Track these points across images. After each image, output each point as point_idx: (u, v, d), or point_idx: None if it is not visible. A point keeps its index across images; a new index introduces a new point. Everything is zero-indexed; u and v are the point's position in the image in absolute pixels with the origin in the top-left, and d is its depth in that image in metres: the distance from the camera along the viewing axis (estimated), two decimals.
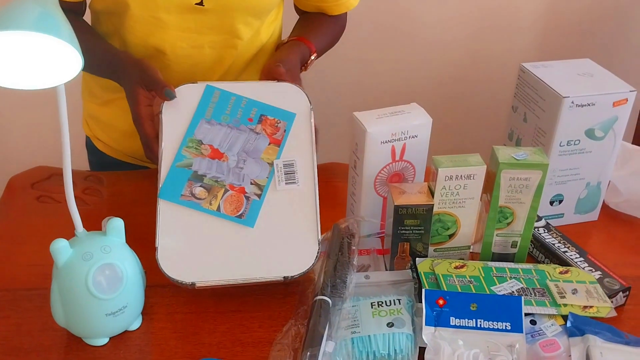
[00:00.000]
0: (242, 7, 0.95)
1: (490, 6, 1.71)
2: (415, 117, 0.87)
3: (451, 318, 0.75)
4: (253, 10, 0.97)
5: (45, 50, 0.61)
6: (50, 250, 0.72)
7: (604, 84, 0.90)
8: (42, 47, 0.61)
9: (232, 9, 0.95)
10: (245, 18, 0.97)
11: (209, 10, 0.93)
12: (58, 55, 0.61)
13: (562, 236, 0.90)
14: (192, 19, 0.94)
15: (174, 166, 0.83)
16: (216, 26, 0.96)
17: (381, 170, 0.87)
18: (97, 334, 0.76)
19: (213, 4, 0.93)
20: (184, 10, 0.93)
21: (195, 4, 0.92)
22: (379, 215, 0.91)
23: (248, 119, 0.86)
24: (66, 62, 0.62)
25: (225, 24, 0.96)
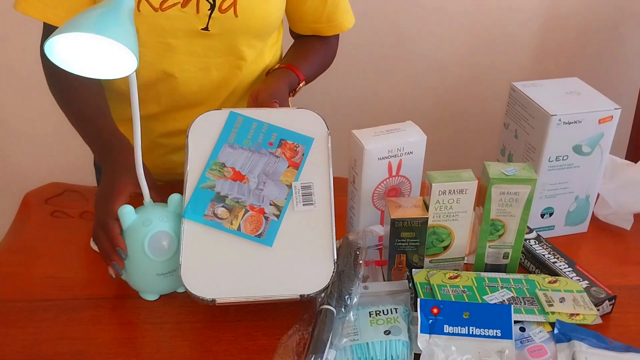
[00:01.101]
0: (245, 31, 1.00)
1: (485, 24, 1.76)
2: (411, 134, 0.92)
3: (445, 326, 0.79)
4: (255, 33, 1.02)
5: (109, 48, 0.70)
6: (118, 213, 0.85)
7: (591, 102, 0.95)
8: (105, 45, 0.70)
9: (235, 32, 1.00)
10: (249, 40, 1.02)
11: (214, 34, 0.98)
12: (118, 53, 0.70)
13: (552, 247, 0.94)
14: (199, 43, 0.99)
15: (198, 187, 0.88)
16: (221, 49, 1.01)
17: (378, 185, 0.92)
18: (149, 290, 0.88)
19: (218, 29, 0.98)
20: (191, 36, 0.98)
21: (201, 29, 0.97)
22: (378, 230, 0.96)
23: (268, 143, 0.91)
24: (124, 59, 0.72)
25: (230, 46, 1.01)
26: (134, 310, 0.87)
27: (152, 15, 0.94)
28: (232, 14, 0.97)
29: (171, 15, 0.95)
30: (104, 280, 0.91)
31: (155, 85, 1.04)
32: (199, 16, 0.96)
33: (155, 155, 1.13)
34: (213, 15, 0.96)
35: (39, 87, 1.75)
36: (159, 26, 0.96)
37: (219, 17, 0.96)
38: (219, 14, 0.96)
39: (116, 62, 0.72)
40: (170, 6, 0.94)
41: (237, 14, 0.97)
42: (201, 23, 0.97)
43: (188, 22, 0.96)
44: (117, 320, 0.86)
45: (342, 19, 1.13)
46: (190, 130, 0.91)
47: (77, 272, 0.94)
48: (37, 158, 1.86)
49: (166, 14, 0.94)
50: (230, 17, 0.97)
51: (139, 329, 0.84)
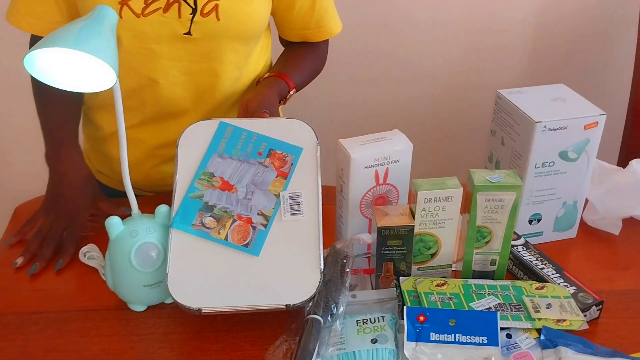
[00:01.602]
0: (228, 34, 1.00)
1: (475, 32, 1.77)
2: (397, 143, 0.92)
3: (431, 333, 0.79)
4: (239, 37, 1.02)
5: (88, 62, 0.71)
6: (105, 224, 0.86)
7: (576, 108, 0.95)
8: (84, 60, 0.71)
9: (218, 36, 1.00)
10: (232, 44, 1.03)
11: (197, 39, 0.99)
12: (97, 67, 0.72)
13: (539, 253, 0.94)
14: (182, 48, 1.00)
15: (187, 197, 0.88)
16: (205, 54, 1.01)
17: (366, 194, 0.92)
18: (136, 301, 0.88)
19: (200, 33, 0.98)
20: (174, 41, 0.99)
21: (183, 33, 0.98)
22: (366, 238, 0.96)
23: (257, 153, 0.91)
24: (103, 73, 0.73)
25: (214, 51, 1.02)
26: (121, 322, 0.87)
27: (134, 21, 0.95)
28: (214, 18, 0.97)
29: (153, 20, 0.96)
30: (92, 292, 0.92)
31: (139, 93, 1.04)
32: (181, 21, 0.96)
33: (148, 166, 1.14)
34: (195, 20, 0.97)
35: (28, 99, 1.76)
36: (141, 32, 0.96)
37: (201, 21, 0.97)
38: (200, 17, 0.97)
39: (96, 76, 0.72)
40: (152, 11, 0.95)
41: (219, 18, 0.98)
42: (183, 27, 0.97)
43: (170, 27, 0.97)
44: (105, 331, 0.86)
45: (331, 23, 1.14)
46: (180, 140, 0.92)
47: (65, 285, 0.94)
48: (28, 171, 1.86)
49: (148, 20, 0.95)
50: (212, 20, 0.98)
51: (127, 340, 0.84)
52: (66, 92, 0.77)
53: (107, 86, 0.73)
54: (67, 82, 0.74)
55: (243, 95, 1.11)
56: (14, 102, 1.73)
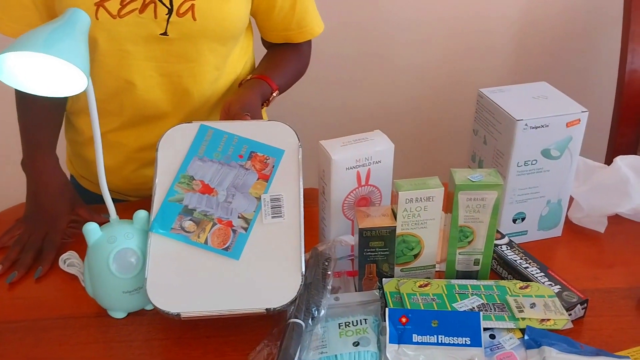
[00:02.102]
0: (204, 34, 1.00)
1: (458, 32, 1.76)
2: (378, 143, 0.91)
3: (413, 335, 0.78)
4: (216, 37, 1.01)
5: (59, 65, 0.70)
6: (83, 230, 0.85)
7: (558, 105, 0.95)
8: (54, 63, 0.69)
9: (195, 36, 0.99)
10: (210, 45, 1.02)
11: (173, 39, 0.98)
12: (68, 71, 0.71)
13: (524, 252, 0.94)
14: (159, 48, 0.99)
15: (166, 201, 0.87)
16: (182, 54, 1.01)
17: (348, 195, 0.91)
18: (116, 308, 0.87)
19: (177, 33, 0.98)
20: (150, 41, 0.98)
21: (160, 34, 0.97)
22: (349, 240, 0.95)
23: (239, 156, 0.91)
24: (74, 77, 0.72)
25: (191, 51, 1.01)
26: (101, 329, 0.86)
27: (110, 23, 0.94)
28: (190, 18, 0.97)
29: (129, 21, 0.95)
30: (72, 299, 0.91)
31: (117, 96, 1.03)
32: (157, 21, 0.96)
33: (128, 170, 1.13)
34: (171, 20, 0.96)
35: (7, 106, 1.74)
36: (118, 33, 0.96)
37: (177, 21, 0.96)
38: (177, 18, 0.96)
39: (67, 80, 0.71)
40: (128, 12, 0.94)
41: (196, 17, 0.97)
42: (160, 28, 0.96)
43: (146, 28, 0.96)
44: (85, 339, 0.84)
45: (312, 24, 1.13)
46: (160, 143, 0.91)
47: (45, 292, 0.93)
48: (10, 178, 1.84)
49: (124, 21, 0.94)
50: (188, 20, 0.97)
51: (107, 348, 0.83)
52: (47, 98, 0.76)
53: (78, 90, 0.72)
54: (38, 87, 0.73)
55: (224, 97, 1.10)
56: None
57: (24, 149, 1.05)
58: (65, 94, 0.74)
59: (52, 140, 1.07)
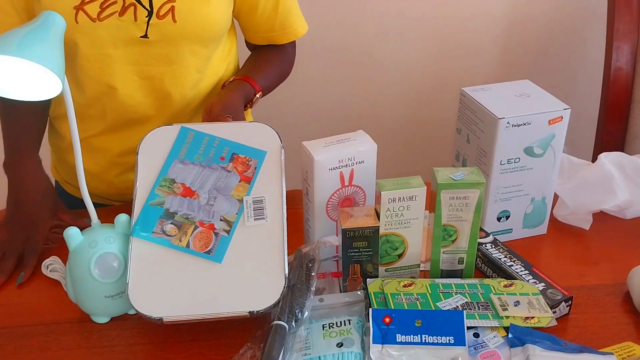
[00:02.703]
0: (185, 36, 0.99)
1: (444, 31, 1.76)
2: (361, 143, 0.91)
3: (397, 335, 0.78)
4: (197, 39, 1.01)
5: (32, 70, 0.69)
6: (64, 235, 0.84)
7: (540, 103, 0.95)
8: (27, 67, 0.69)
9: (175, 38, 0.99)
10: (191, 47, 1.01)
11: (154, 42, 0.98)
12: (42, 75, 0.70)
13: (508, 251, 0.93)
14: (139, 51, 0.98)
15: (147, 205, 0.86)
16: (163, 57, 1.00)
17: (332, 196, 0.91)
18: (98, 313, 0.86)
19: (157, 36, 0.97)
20: (130, 44, 0.97)
21: (140, 36, 0.96)
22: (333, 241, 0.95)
23: (220, 158, 0.90)
24: (48, 81, 0.71)
25: (172, 53, 1.00)
26: (84, 334, 0.85)
27: (90, 27, 0.93)
28: (170, 20, 0.96)
29: (110, 24, 0.94)
30: (55, 305, 0.90)
31: (99, 100, 1.03)
32: (137, 24, 0.95)
33: (112, 175, 1.12)
34: (151, 22, 0.95)
35: None
36: (98, 37, 0.95)
37: (157, 24, 0.96)
38: (157, 20, 0.95)
39: (41, 83, 0.71)
40: (108, 16, 0.93)
41: (176, 19, 0.96)
42: (140, 31, 0.96)
43: (127, 31, 0.95)
44: (67, 345, 0.84)
45: (296, 25, 1.12)
46: (141, 147, 0.90)
47: (27, 298, 0.92)
48: None
49: (104, 24, 0.94)
50: (168, 22, 0.96)
51: (90, 353, 0.83)
52: (28, 102, 0.75)
53: (53, 94, 0.72)
54: (12, 91, 0.72)
55: (206, 100, 1.09)
56: None
57: (6, 152, 1.04)
58: (40, 98, 0.73)
59: (35, 144, 1.06)
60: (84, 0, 0.91)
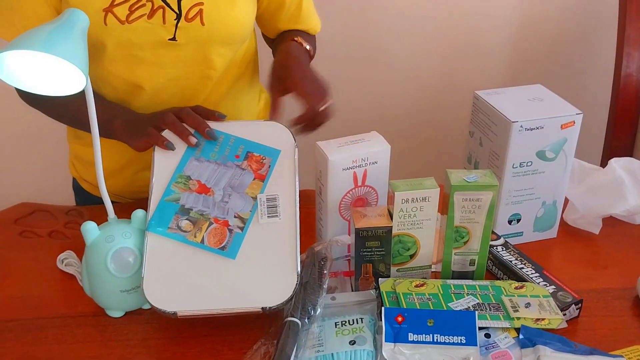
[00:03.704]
0: (213, 40, 1.00)
1: (456, 33, 1.77)
2: (375, 144, 0.92)
3: (409, 334, 0.79)
4: (224, 42, 1.02)
5: (58, 65, 0.70)
6: (81, 230, 0.85)
7: (553, 108, 0.96)
8: (53, 63, 0.70)
9: (203, 41, 0.99)
10: (218, 49, 1.02)
11: (182, 44, 0.98)
12: (67, 70, 0.71)
13: (519, 253, 0.94)
14: (167, 54, 0.99)
15: (163, 200, 0.88)
16: (190, 59, 1.01)
17: (345, 196, 0.92)
18: (114, 307, 0.87)
19: (185, 38, 0.98)
20: (159, 47, 0.98)
21: (168, 39, 0.97)
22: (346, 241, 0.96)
23: (235, 156, 0.91)
24: (73, 76, 0.73)
25: (199, 56, 1.01)
26: (99, 328, 0.86)
27: (119, 29, 0.94)
28: (198, 23, 0.97)
29: (138, 27, 0.95)
30: (70, 298, 0.91)
31: (124, 99, 1.04)
32: (166, 27, 0.96)
33: (130, 172, 1.13)
34: (180, 25, 0.96)
35: (6, 108, 1.74)
36: (126, 39, 0.96)
37: (185, 27, 0.97)
38: (185, 23, 0.96)
39: (66, 79, 0.72)
40: (137, 18, 0.94)
41: (204, 22, 0.97)
42: (168, 33, 0.97)
43: (155, 34, 0.96)
44: (82, 338, 0.85)
45: (314, 22, 1.14)
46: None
47: (43, 292, 0.93)
48: (7, 178, 1.85)
49: (133, 27, 0.95)
50: (197, 25, 0.97)
51: (104, 347, 0.84)
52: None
53: (76, 90, 0.73)
54: (36, 86, 0.73)
55: (225, 98, 1.09)
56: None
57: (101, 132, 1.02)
58: (64, 93, 0.74)
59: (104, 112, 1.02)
60: (113, 3, 0.92)
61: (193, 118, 0.94)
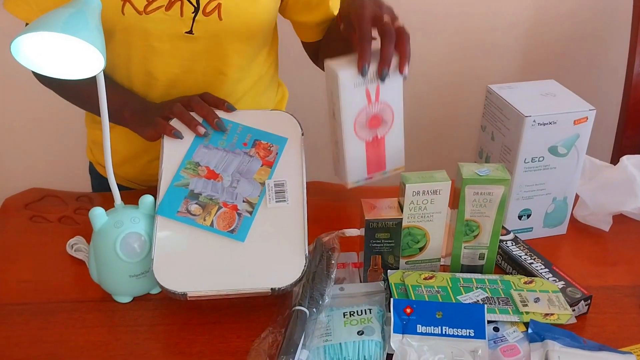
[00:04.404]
0: (230, 35, 0.99)
1: (468, 29, 1.76)
2: None
3: (418, 326, 0.79)
4: (242, 38, 1.01)
5: (76, 48, 0.71)
6: (89, 215, 0.85)
7: (566, 103, 0.95)
8: (72, 44, 0.70)
9: (220, 36, 0.99)
10: (235, 45, 1.01)
11: (198, 38, 0.98)
12: (86, 53, 0.71)
13: (529, 249, 0.94)
14: (183, 47, 0.99)
15: (172, 185, 0.89)
16: (206, 53, 1.01)
17: (359, 114, 0.88)
18: (122, 292, 0.88)
19: (202, 32, 0.98)
20: (175, 39, 0.98)
21: (185, 32, 0.97)
22: (364, 162, 0.92)
23: (243, 144, 0.93)
24: (91, 59, 0.73)
25: (215, 51, 1.01)
26: (107, 313, 0.87)
27: (136, 19, 0.94)
28: (216, 17, 0.96)
29: (155, 18, 0.95)
30: (79, 284, 0.92)
31: (141, 87, 1.04)
32: (183, 19, 0.96)
33: (143, 161, 1.14)
34: (197, 18, 0.96)
35: (20, 93, 1.75)
36: (143, 29, 0.96)
37: (203, 20, 0.96)
38: (203, 17, 0.96)
39: (83, 62, 0.72)
40: (155, 9, 0.94)
41: (222, 17, 0.96)
42: (185, 26, 0.97)
43: (172, 26, 0.96)
44: (91, 323, 0.85)
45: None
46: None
47: (52, 276, 0.93)
48: (18, 164, 1.86)
49: (150, 17, 0.95)
50: (214, 20, 0.97)
51: (113, 332, 0.84)
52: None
53: (94, 72, 0.73)
54: (53, 69, 0.73)
55: (244, 98, 1.08)
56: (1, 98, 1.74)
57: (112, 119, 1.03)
58: (82, 76, 0.74)
59: None
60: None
61: (202, 107, 0.95)
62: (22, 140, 1.83)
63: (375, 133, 0.90)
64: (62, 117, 1.52)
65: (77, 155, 1.26)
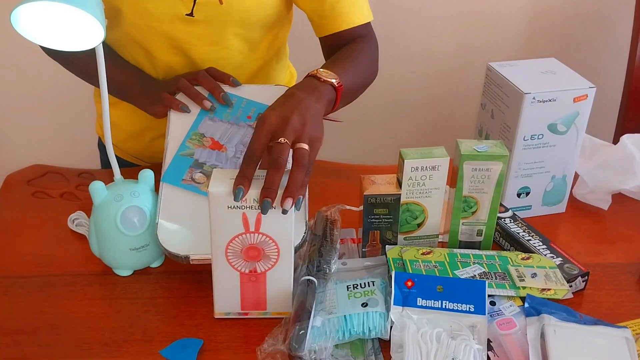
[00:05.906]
0: (230, 19, 0.99)
1: (471, 10, 1.76)
2: None
3: (418, 299, 0.80)
4: (242, 22, 1.00)
5: (76, 19, 0.71)
6: (89, 189, 0.85)
7: (565, 81, 0.95)
8: (72, 15, 0.70)
9: (220, 20, 0.99)
10: (235, 29, 1.01)
11: (198, 21, 0.98)
12: (86, 24, 0.72)
13: (527, 226, 0.95)
14: (183, 29, 0.99)
15: (178, 155, 0.91)
16: (206, 36, 1.00)
17: (232, 240, 0.77)
18: (122, 266, 0.89)
19: (202, 15, 0.97)
20: (175, 20, 0.98)
21: (185, 14, 0.97)
22: (237, 295, 0.82)
23: (247, 117, 0.95)
24: (90, 30, 0.73)
25: (215, 34, 1.01)
26: (108, 286, 0.88)
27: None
28: (216, 1, 0.96)
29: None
30: (80, 257, 0.93)
31: (142, 65, 1.05)
32: (184, 1, 0.95)
33: (148, 137, 1.14)
34: (198, 1, 0.96)
35: (24, 73, 1.75)
36: (144, 9, 0.96)
37: (203, 3, 0.96)
38: (203, 0, 0.96)
39: (82, 34, 0.72)
40: None
41: (222, 1, 0.96)
42: (186, 8, 0.96)
43: (173, 7, 0.96)
44: (92, 295, 0.86)
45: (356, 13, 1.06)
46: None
47: (54, 250, 0.94)
48: (20, 141, 1.87)
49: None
50: (214, 3, 0.96)
51: (114, 304, 0.85)
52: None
53: (94, 44, 0.74)
54: (52, 40, 0.74)
55: (248, 82, 1.07)
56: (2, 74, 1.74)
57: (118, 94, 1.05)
58: (82, 48, 0.75)
59: None
60: None
61: (208, 81, 0.96)
62: (23, 118, 1.84)
63: (254, 266, 0.79)
64: (70, 92, 1.52)
65: (86, 130, 1.26)
